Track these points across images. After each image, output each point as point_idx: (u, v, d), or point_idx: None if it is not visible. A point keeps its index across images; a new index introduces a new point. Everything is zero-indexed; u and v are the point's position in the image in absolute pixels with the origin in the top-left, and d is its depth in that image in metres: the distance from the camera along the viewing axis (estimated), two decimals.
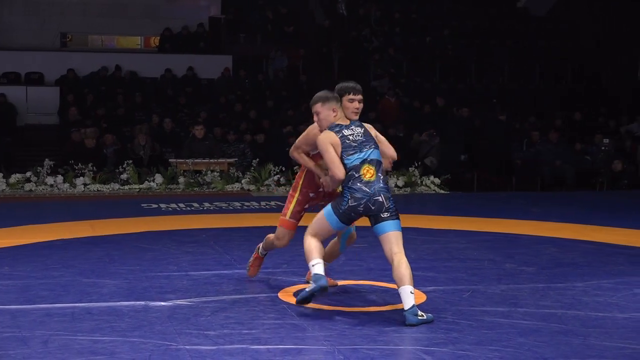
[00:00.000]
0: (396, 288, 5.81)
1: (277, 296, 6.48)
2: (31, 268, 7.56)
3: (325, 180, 6.09)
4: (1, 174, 14.41)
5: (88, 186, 14.33)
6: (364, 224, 6.10)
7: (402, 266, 5.71)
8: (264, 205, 12.31)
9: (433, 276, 7.27)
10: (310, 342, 5.26)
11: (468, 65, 22.31)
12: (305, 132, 6.35)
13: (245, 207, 12.32)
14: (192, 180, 14.58)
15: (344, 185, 5.92)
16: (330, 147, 5.90)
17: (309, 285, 5.93)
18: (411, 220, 10.54)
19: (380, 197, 5.82)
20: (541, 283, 7.04)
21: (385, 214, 5.83)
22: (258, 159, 15.10)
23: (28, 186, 14.24)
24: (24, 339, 5.25)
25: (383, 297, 6.49)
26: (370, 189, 5.83)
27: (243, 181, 14.64)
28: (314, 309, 6.09)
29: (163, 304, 6.20)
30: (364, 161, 5.89)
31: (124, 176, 14.55)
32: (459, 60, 22.18)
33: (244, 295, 6.47)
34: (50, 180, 14.32)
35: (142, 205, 12.46)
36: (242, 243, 8.93)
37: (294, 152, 6.39)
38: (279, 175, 14.59)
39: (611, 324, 5.74)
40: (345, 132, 5.95)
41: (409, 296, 5.64)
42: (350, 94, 6.05)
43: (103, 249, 8.56)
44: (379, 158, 5.95)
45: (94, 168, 14.57)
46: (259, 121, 18.01)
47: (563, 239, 9.41)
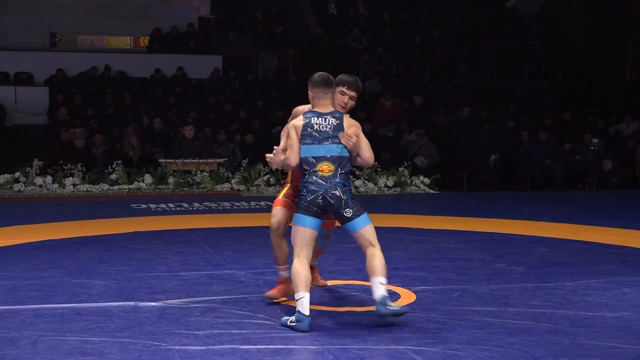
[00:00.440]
0: (386, 288, 5.80)
1: (267, 296, 6.46)
2: (20, 269, 7.53)
3: (274, 157, 5.96)
4: None
5: (77, 186, 14.29)
6: None
7: (376, 258, 5.71)
8: (254, 206, 12.30)
9: (423, 276, 7.27)
10: (300, 342, 5.26)
11: (457, 65, 22.34)
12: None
13: (235, 207, 12.30)
14: (182, 181, 14.55)
15: (302, 182, 5.86)
16: (292, 131, 5.86)
17: (292, 318, 5.62)
18: (401, 220, 10.55)
19: (337, 191, 5.72)
20: (531, 283, 7.06)
21: (349, 212, 5.74)
22: (248, 159, 15.08)
23: (17, 186, 14.19)
24: (13, 340, 5.24)
25: (372, 297, 6.47)
26: (326, 182, 5.73)
27: (233, 181, 14.62)
28: None
29: (152, 304, 6.19)
30: (323, 158, 5.76)
31: (114, 176, 14.52)
32: (449, 60, 22.21)
33: (233, 296, 6.46)
34: (39, 180, 14.27)
35: (132, 205, 12.43)
36: (232, 243, 8.92)
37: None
38: (268, 176, 14.57)
39: (600, 324, 5.76)
40: (314, 120, 5.83)
41: (379, 287, 5.63)
42: (344, 87, 5.99)
43: (92, 250, 8.54)
44: (341, 154, 5.78)
45: (83, 168, 14.53)
46: (249, 121, 18.00)
47: (553, 239, 9.42)
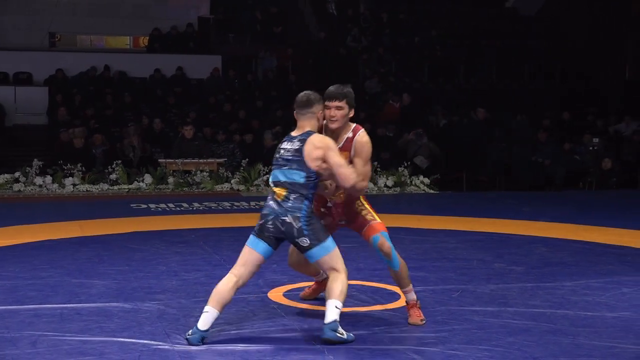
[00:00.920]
0: (386, 288, 5.81)
1: (267, 296, 6.47)
2: (19, 269, 7.54)
3: None
4: None
5: (77, 186, 14.29)
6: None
7: (336, 282, 5.39)
8: (254, 205, 12.30)
9: (423, 276, 7.27)
10: (299, 342, 5.26)
11: (457, 65, 22.33)
12: None
13: (235, 207, 12.31)
14: (182, 181, 14.55)
15: None
16: None
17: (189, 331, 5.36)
18: (401, 220, 10.55)
19: (287, 217, 5.36)
20: (530, 282, 7.06)
21: (305, 242, 5.38)
22: (247, 159, 15.08)
23: (17, 186, 14.19)
24: (13, 340, 5.24)
25: (373, 297, 6.49)
26: (278, 207, 5.39)
27: (232, 181, 14.62)
28: (303, 309, 6.10)
29: (152, 304, 6.19)
30: (278, 183, 5.48)
31: (113, 176, 14.52)
32: (448, 61, 22.20)
33: (233, 296, 6.46)
34: (39, 180, 14.27)
35: (132, 205, 12.44)
36: (232, 243, 8.91)
37: None
38: (268, 176, 14.56)
39: (600, 323, 5.76)
40: (283, 145, 5.56)
41: (333, 310, 5.30)
42: (326, 101, 5.65)
43: (92, 250, 8.54)
44: (294, 180, 5.40)
45: (83, 168, 14.53)
46: (248, 121, 17.99)
47: (553, 239, 9.43)
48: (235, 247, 8.53)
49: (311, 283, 6.51)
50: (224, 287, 5.37)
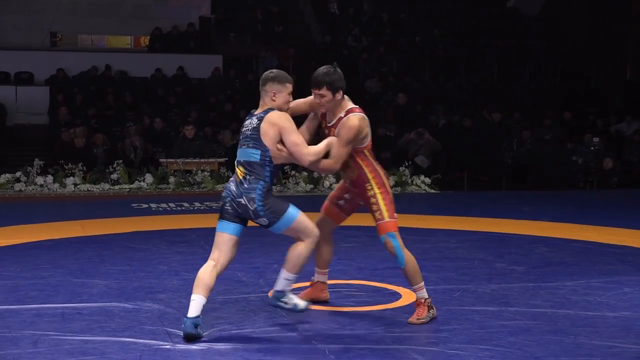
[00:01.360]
0: (387, 288, 5.83)
1: (268, 295, 6.46)
2: (21, 268, 7.54)
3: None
4: None
5: (78, 186, 14.29)
6: (356, 223, 6.09)
7: (293, 251, 5.57)
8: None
9: (424, 276, 7.23)
10: (300, 342, 5.26)
11: (458, 64, 22.33)
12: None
13: None
14: (183, 180, 14.56)
15: None
16: None
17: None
18: (401, 220, 10.49)
19: (242, 199, 5.45)
20: (531, 282, 7.06)
21: (264, 222, 5.48)
22: None
23: (18, 186, 14.19)
24: (14, 339, 5.24)
25: (374, 297, 6.49)
26: (236, 189, 5.51)
27: None
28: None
29: (153, 304, 6.19)
30: (239, 162, 5.57)
31: (114, 176, 14.52)
32: (449, 60, 22.21)
33: (234, 296, 6.47)
34: (40, 180, 14.28)
35: (133, 205, 12.44)
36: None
37: None
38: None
39: (601, 323, 5.76)
40: (245, 122, 5.70)
41: (282, 282, 5.62)
42: (312, 88, 5.84)
43: (93, 249, 8.54)
44: (250, 159, 5.49)
45: (84, 168, 14.53)
46: None
47: (553, 238, 9.43)
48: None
49: (305, 284, 6.52)
50: (204, 273, 5.48)
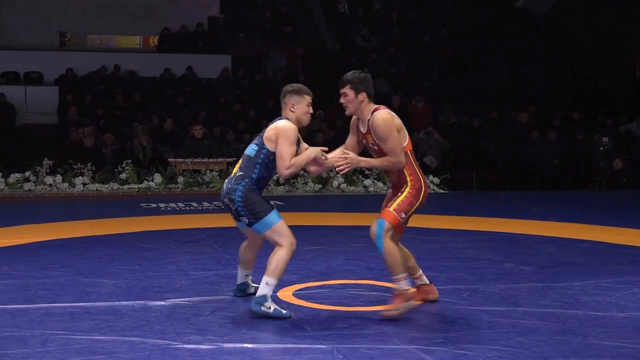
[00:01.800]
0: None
1: (276, 295, 6.47)
2: (30, 267, 7.56)
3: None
4: (0, 174, 14.40)
5: (87, 186, 14.33)
6: (364, 222, 6.08)
7: (273, 257, 5.83)
8: None
9: (432, 275, 7.25)
10: (309, 342, 5.25)
11: (466, 64, 22.31)
12: None
13: None
14: (191, 180, 14.58)
15: None
16: None
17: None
18: (410, 220, 10.52)
19: (226, 199, 5.91)
20: (540, 282, 7.04)
21: (245, 220, 5.89)
22: None
23: (27, 186, 14.23)
24: (23, 339, 5.25)
25: (382, 297, 6.48)
26: (224, 188, 5.96)
27: None
28: (312, 308, 6.09)
29: (162, 303, 6.20)
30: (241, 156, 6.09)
31: (123, 176, 14.55)
32: (458, 60, 22.18)
33: (243, 295, 6.46)
34: (49, 179, 14.32)
35: (141, 204, 12.46)
36: (241, 242, 8.90)
37: None
38: (277, 175, 14.55)
39: (610, 324, 5.74)
40: None
41: (263, 287, 5.79)
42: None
43: (102, 249, 8.56)
44: (248, 153, 6.01)
45: (93, 167, 14.56)
46: (258, 121, 18.00)
47: (562, 239, 9.41)
48: None
49: (313, 284, 6.53)
50: (240, 250, 6.39)
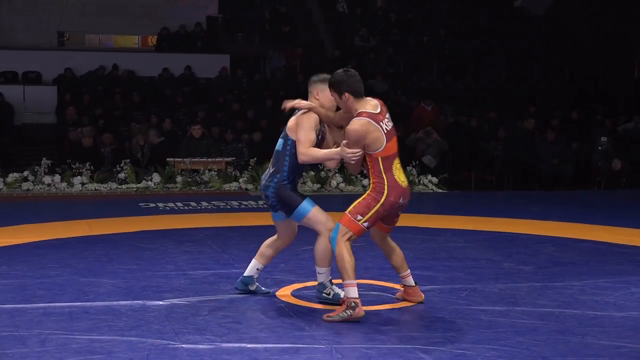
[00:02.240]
0: (394, 287, 5.83)
1: (275, 295, 6.47)
2: (28, 267, 7.55)
3: None
4: None
5: (85, 185, 14.31)
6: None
7: (315, 247, 6.05)
8: (262, 204, 12.29)
9: (431, 275, 7.27)
10: (308, 341, 5.26)
11: (465, 64, 22.31)
12: None
13: (243, 206, 12.32)
14: (190, 180, 14.57)
15: None
16: None
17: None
18: (409, 220, 10.53)
19: (262, 195, 6.19)
20: (539, 282, 7.05)
21: (282, 213, 6.13)
22: (255, 158, 15.09)
23: (25, 185, 14.22)
24: (22, 338, 5.25)
25: (381, 296, 6.48)
26: (261, 184, 6.22)
27: (241, 180, 14.62)
28: (311, 308, 6.10)
29: (161, 303, 6.20)
30: None
31: (122, 175, 14.54)
32: (456, 60, 22.18)
33: (241, 295, 6.46)
34: (47, 179, 14.30)
35: (140, 204, 12.45)
36: (240, 242, 8.93)
37: None
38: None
39: (609, 323, 5.74)
40: None
41: (318, 276, 6.14)
42: None
43: (100, 248, 8.55)
44: (277, 148, 6.16)
45: (92, 167, 14.55)
46: (257, 121, 18.00)
47: (561, 238, 9.41)
48: (244, 246, 8.57)
49: (312, 283, 6.52)
50: (265, 242, 6.37)
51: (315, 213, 5.95)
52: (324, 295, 6.11)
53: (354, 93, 5.82)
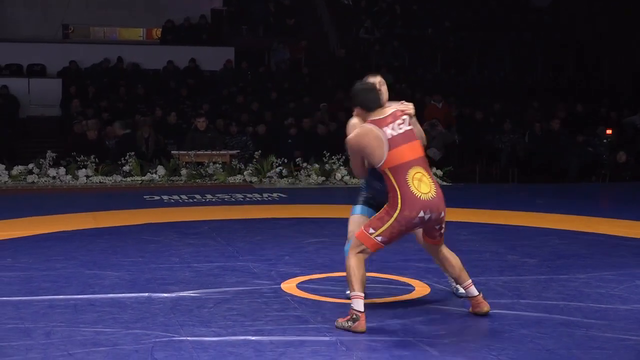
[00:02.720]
0: (399, 280, 5.82)
1: (280, 288, 6.48)
2: (33, 260, 7.57)
3: None
4: (4, 166, 14.40)
5: (90, 178, 14.33)
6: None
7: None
8: (266, 197, 12.30)
9: (435, 268, 7.23)
10: (312, 334, 5.26)
11: (469, 56, 22.27)
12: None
13: (248, 199, 12.31)
14: (195, 172, 14.57)
15: None
16: None
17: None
18: None
19: None
20: (544, 275, 7.04)
21: None
22: (260, 151, 15.09)
23: (30, 178, 14.24)
24: (27, 331, 5.26)
25: (386, 289, 6.48)
26: None
27: (245, 173, 14.62)
28: (316, 300, 6.10)
29: (166, 295, 6.20)
30: None
31: (126, 168, 14.55)
32: (460, 52, 22.15)
33: (246, 287, 6.47)
34: (52, 172, 14.32)
35: (145, 197, 12.46)
36: (245, 235, 8.93)
37: None
38: (281, 167, 14.58)
39: (613, 316, 5.74)
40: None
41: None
42: None
43: (105, 241, 8.56)
44: None
45: (96, 160, 14.57)
46: (261, 113, 18.00)
47: (566, 231, 9.40)
48: (248, 239, 8.58)
49: (316, 276, 6.52)
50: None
51: (352, 219, 6.00)
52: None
53: (366, 108, 5.58)
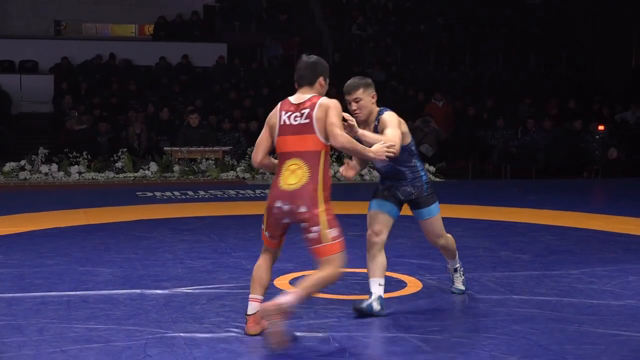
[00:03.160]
0: (392, 276, 5.81)
1: (273, 284, 6.47)
2: (26, 256, 7.56)
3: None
4: None
5: (83, 174, 14.31)
6: (359, 211, 6.07)
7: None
8: (259, 193, 12.31)
9: (428, 264, 7.28)
10: (305, 330, 5.26)
11: (462, 53, 22.28)
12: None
13: (240, 195, 12.31)
14: (187, 169, 14.57)
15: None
16: None
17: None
18: (406, 209, 10.53)
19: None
20: (536, 271, 7.06)
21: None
22: (253, 147, 15.06)
23: (22, 174, 14.22)
24: (20, 327, 5.25)
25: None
26: None
27: (238, 169, 14.63)
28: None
29: (158, 292, 6.20)
30: None
31: (119, 164, 14.53)
32: (454, 49, 22.15)
33: (239, 283, 6.47)
34: (44, 168, 14.31)
35: (137, 193, 12.45)
36: (238, 231, 8.93)
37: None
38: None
39: (605, 311, 5.75)
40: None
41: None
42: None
43: (98, 237, 8.56)
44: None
45: (89, 156, 14.55)
46: (254, 109, 17.99)
47: (558, 227, 9.42)
48: (241, 235, 8.58)
49: (309, 272, 6.50)
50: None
51: (369, 215, 6.12)
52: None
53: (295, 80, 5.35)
